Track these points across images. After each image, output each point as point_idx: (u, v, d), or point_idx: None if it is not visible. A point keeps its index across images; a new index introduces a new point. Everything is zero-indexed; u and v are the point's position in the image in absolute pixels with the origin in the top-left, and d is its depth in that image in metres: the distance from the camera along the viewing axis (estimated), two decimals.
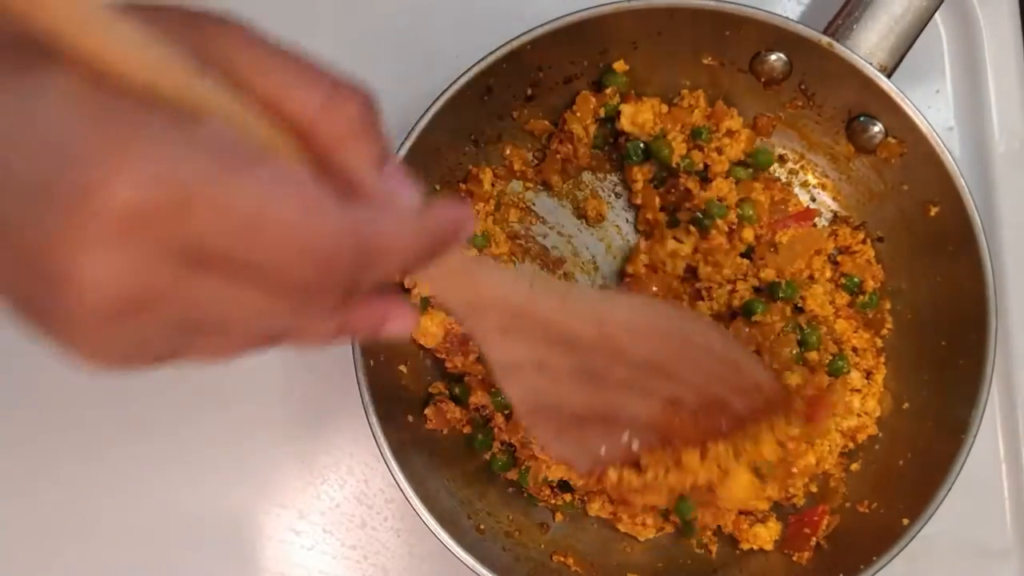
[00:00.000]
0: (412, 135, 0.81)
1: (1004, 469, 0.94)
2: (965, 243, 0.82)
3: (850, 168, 0.91)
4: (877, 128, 0.86)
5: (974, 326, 0.82)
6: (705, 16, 0.83)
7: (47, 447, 0.94)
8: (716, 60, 0.88)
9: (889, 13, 0.82)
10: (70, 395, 0.94)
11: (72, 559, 0.93)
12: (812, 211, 0.91)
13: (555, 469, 0.87)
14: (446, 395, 0.89)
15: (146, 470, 0.94)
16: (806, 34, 0.82)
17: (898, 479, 0.86)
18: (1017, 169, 0.95)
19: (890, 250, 0.90)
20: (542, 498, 0.89)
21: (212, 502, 0.94)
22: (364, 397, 0.80)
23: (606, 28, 0.84)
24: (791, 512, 0.88)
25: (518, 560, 0.85)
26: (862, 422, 0.88)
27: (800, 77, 0.87)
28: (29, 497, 0.94)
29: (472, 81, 0.82)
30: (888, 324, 0.90)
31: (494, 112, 0.88)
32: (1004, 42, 0.96)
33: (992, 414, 0.93)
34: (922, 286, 0.88)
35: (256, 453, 0.94)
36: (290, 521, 0.94)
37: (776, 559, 0.87)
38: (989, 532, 0.93)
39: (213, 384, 0.94)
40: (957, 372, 0.84)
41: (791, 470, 0.85)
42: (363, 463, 0.94)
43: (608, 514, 0.89)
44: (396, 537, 0.94)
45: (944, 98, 0.96)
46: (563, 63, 0.87)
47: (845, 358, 0.87)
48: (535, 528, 0.89)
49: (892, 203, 0.89)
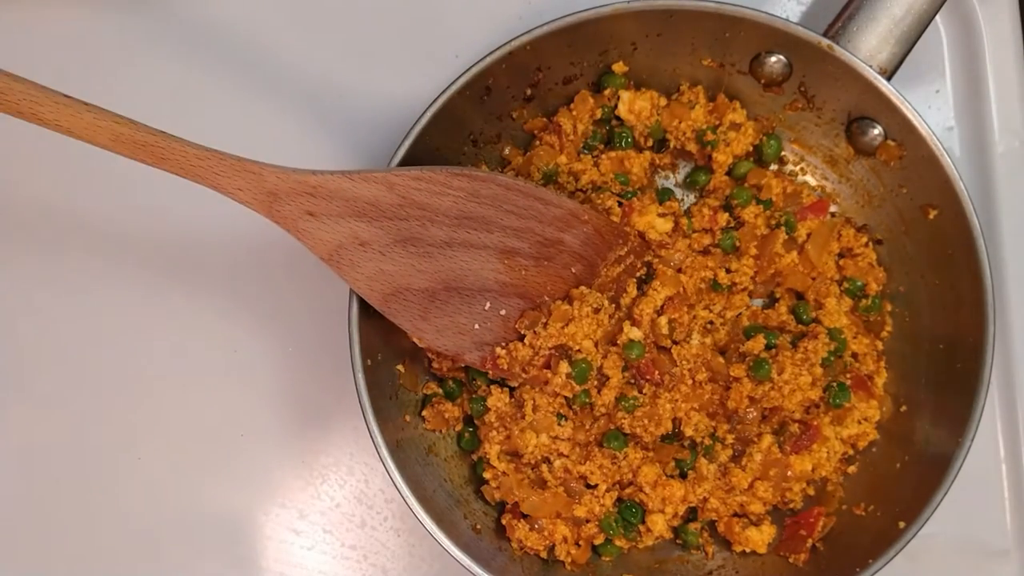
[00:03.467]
0: (411, 135, 0.81)
1: (1004, 469, 0.94)
2: (964, 247, 0.82)
3: (849, 171, 0.91)
4: (877, 131, 0.86)
5: (972, 330, 0.82)
6: (705, 18, 0.83)
7: (47, 448, 0.95)
8: (716, 62, 0.88)
9: (889, 16, 0.82)
10: (70, 396, 0.95)
11: (73, 560, 0.94)
12: (825, 201, 0.91)
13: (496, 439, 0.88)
14: (441, 395, 0.89)
15: (147, 470, 0.94)
16: (806, 36, 0.82)
17: (895, 482, 0.86)
18: (1017, 168, 0.95)
19: (889, 253, 0.90)
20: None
21: (212, 502, 0.94)
22: (361, 397, 0.80)
23: (605, 29, 0.84)
24: (788, 515, 0.88)
25: (513, 560, 0.85)
26: (862, 429, 0.88)
27: (800, 79, 0.87)
28: (30, 499, 0.95)
29: (471, 81, 0.82)
30: (888, 327, 0.90)
31: (493, 112, 0.88)
32: (1004, 42, 0.95)
33: (992, 415, 0.93)
34: (921, 289, 0.88)
35: (256, 453, 0.94)
36: (290, 521, 0.94)
37: (772, 561, 0.87)
38: (989, 531, 0.93)
39: (213, 384, 0.94)
40: (955, 375, 0.84)
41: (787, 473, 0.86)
42: (363, 463, 0.94)
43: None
44: (396, 537, 0.94)
45: (944, 98, 0.96)
46: (562, 64, 0.87)
47: (847, 389, 0.87)
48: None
49: (891, 206, 0.89)
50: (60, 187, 0.95)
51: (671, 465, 0.86)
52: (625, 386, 0.85)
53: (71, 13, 0.96)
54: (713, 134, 0.89)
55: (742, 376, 0.85)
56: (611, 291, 0.86)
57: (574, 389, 0.83)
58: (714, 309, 0.89)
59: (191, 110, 0.95)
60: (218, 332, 0.95)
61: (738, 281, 0.89)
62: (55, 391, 0.94)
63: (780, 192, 0.90)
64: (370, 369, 0.81)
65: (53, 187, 0.95)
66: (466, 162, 0.89)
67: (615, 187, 0.88)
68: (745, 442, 0.86)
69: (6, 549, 0.94)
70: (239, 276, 0.95)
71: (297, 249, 0.92)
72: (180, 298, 0.95)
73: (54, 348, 0.95)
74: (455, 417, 0.88)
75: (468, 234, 0.79)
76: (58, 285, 0.95)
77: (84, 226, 0.96)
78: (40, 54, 0.96)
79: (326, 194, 0.74)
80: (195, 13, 0.96)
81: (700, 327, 0.87)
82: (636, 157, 0.90)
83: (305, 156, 0.94)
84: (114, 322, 0.95)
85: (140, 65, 0.96)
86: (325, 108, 0.95)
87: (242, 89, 0.96)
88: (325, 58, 0.96)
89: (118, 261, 0.95)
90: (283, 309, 0.95)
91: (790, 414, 0.86)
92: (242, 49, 0.96)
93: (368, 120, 0.95)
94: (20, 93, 0.68)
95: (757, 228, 0.88)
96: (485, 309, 0.82)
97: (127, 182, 0.93)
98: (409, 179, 0.76)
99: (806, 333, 0.88)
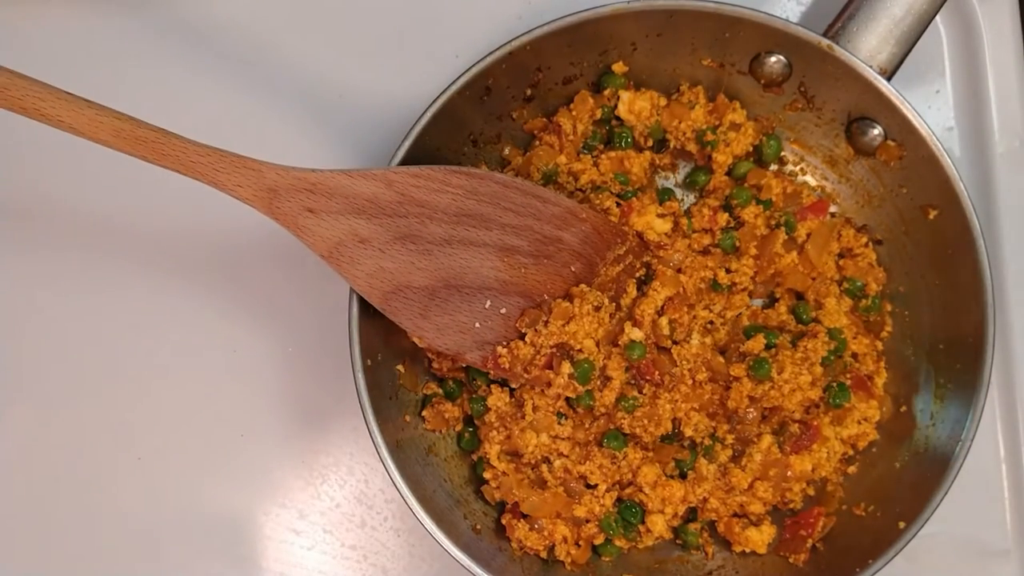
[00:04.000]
0: (411, 135, 0.81)
1: (1004, 470, 0.94)
2: (964, 247, 0.82)
3: (849, 171, 0.91)
4: (876, 131, 0.86)
5: (972, 330, 0.82)
6: (705, 18, 0.83)
7: (46, 448, 0.95)
8: (716, 62, 0.88)
9: (889, 16, 0.82)
10: (69, 396, 0.95)
11: (72, 560, 0.94)
12: (825, 201, 0.91)
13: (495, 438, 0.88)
14: (441, 395, 0.89)
15: (146, 470, 0.94)
16: (806, 36, 0.82)
17: (895, 482, 0.86)
18: (1017, 168, 0.95)
19: (889, 253, 0.90)
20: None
21: (211, 502, 0.94)
22: (361, 396, 0.80)
23: (605, 29, 0.84)
24: (788, 515, 0.88)
25: (512, 560, 0.85)
26: (862, 429, 0.88)
27: (800, 79, 0.87)
28: (30, 499, 0.95)
29: (471, 81, 0.82)
30: (888, 327, 0.90)
31: (493, 112, 0.88)
32: (1004, 42, 0.95)
33: (992, 416, 0.93)
34: (920, 289, 0.88)
35: (256, 453, 0.94)
36: (290, 521, 0.94)
37: (772, 561, 0.87)
38: (989, 532, 0.93)
39: (213, 384, 0.94)
40: (955, 375, 0.84)
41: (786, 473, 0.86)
42: (363, 463, 0.94)
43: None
44: (396, 537, 0.94)
45: (944, 98, 0.96)
46: (562, 64, 0.87)
47: (847, 389, 0.87)
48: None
49: (891, 206, 0.89)
50: (60, 188, 0.95)
51: (671, 465, 0.86)
52: (625, 386, 0.85)
53: (72, 13, 0.96)
54: (713, 134, 0.89)
55: (742, 376, 0.85)
56: (611, 291, 0.86)
57: (577, 390, 0.83)
58: (714, 309, 0.89)
59: (191, 109, 0.94)
60: (218, 332, 0.95)
61: (738, 281, 0.89)
62: (54, 391, 0.94)
63: (780, 192, 0.90)
64: (370, 369, 0.81)
65: (53, 188, 0.95)
66: (466, 162, 0.89)
67: (615, 187, 0.88)
68: (745, 442, 0.86)
69: (5, 549, 0.94)
70: (239, 276, 0.95)
71: (297, 249, 0.92)
72: (180, 298, 0.95)
73: (53, 348, 0.95)
74: (455, 417, 0.88)
75: (467, 231, 0.79)
76: (58, 285, 0.95)
77: (84, 226, 0.96)
78: (41, 52, 0.96)
79: (325, 191, 0.74)
80: (196, 12, 0.96)
81: (700, 327, 0.87)
82: (636, 157, 0.90)
83: (305, 155, 0.94)
84: (114, 322, 0.95)
85: (140, 64, 0.96)
86: (325, 108, 0.95)
87: (242, 88, 0.96)
88: (325, 58, 0.96)
89: (118, 261, 0.95)
90: (283, 309, 0.95)
91: (790, 414, 0.86)
92: (242, 48, 0.96)
93: (368, 120, 0.95)
94: (23, 89, 0.69)
95: (757, 228, 0.88)
96: (485, 307, 0.82)
97: (127, 183, 0.93)
98: (408, 176, 0.76)
99: (806, 333, 0.88)
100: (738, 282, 0.89)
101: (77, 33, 0.96)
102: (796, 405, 0.85)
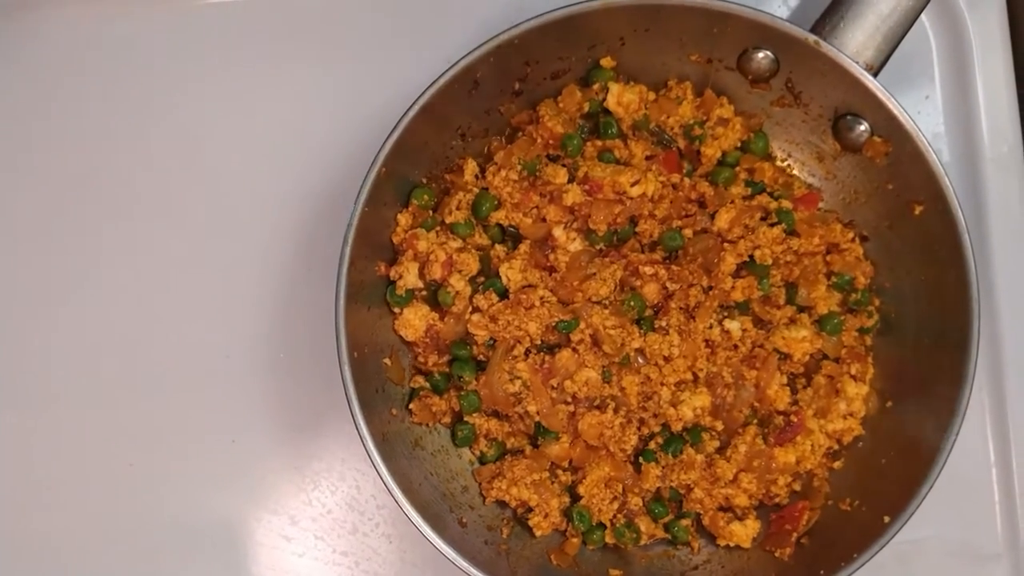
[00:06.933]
0: (398, 129, 0.81)
1: (994, 473, 0.94)
2: (949, 242, 0.82)
3: (836, 167, 0.91)
4: (863, 127, 0.86)
5: (958, 324, 0.82)
6: (693, 13, 0.83)
7: (37, 453, 0.94)
8: (703, 57, 0.88)
9: (876, 12, 0.82)
10: (61, 402, 0.95)
11: (63, 566, 0.94)
12: (816, 194, 0.91)
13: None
14: (428, 389, 0.89)
15: (138, 476, 0.94)
16: (793, 32, 0.82)
17: (881, 477, 0.86)
18: (1006, 173, 0.95)
19: (875, 249, 0.90)
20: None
21: (203, 508, 0.94)
22: (347, 389, 0.80)
23: (594, 24, 0.84)
24: (773, 510, 0.88)
25: (499, 555, 0.85)
26: (848, 424, 0.88)
27: (787, 75, 0.87)
28: (21, 505, 0.94)
29: (458, 76, 0.82)
30: (874, 322, 0.90)
31: (481, 107, 0.88)
32: (993, 48, 0.96)
33: (982, 418, 0.93)
34: (906, 284, 0.88)
35: (247, 459, 0.94)
36: (281, 527, 0.94)
37: (758, 556, 0.87)
38: (980, 536, 0.93)
39: (204, 390, 0.94)
40: (940, 370, 0.84)
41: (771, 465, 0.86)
42: (355, 468, 0.94)
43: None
44: (388, 543, 0.94)
45: (934, 104, 0.96)
46: (550, 58, 0.87)
47: (839, 317, 0.88)
48: (517, 523, 0.89)
49: (877, 202, 0.89)
50: (58, 192, 0.96)
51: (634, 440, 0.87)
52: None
53: (75, 12, 0.97)
54: (700, 128, 0.89)
55: (749, 327, 0.86)
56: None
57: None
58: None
59: (189, 111, 0.95)
60: (210, 338, 0.94)
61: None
62: (46, 397, 0.94)
63: (772, 175, 0.90)
64: (357, 362, 0.81)
65: (51, 191, 0.96)
66: (454, 156, 0.89)
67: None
68: (730, 433, 0.86)
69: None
70: (231, 282, 0.95)
71: (288, 254, 0.92)
72: (172, 304, 0.95)
73: (44, 355, 0.95)
74: (442, 411, 0.88)
75: None
76: (49, 292, 0.95)
77: (75, 232, 0.96)
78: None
79: None
80: (197, 12, 0.97)
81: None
82: (635, 145, 0.90)
83: (294, 148, 0.95)
84: (105, 329, 0.95)
85: (141, 64, 0.96)
86: (313, 101, 0.96)
87: (232, 83, 0.96)
88: (313, 52, 0.96)
89: (110, 268, 0.95)
90: (275, 316, 0.95)
91: (773, 405, 0.86)
92: (233, 44, 0.96)
93: (356, 113, 0.95)
94: None
95: (734, 200, 0.88)
96: None
97: (122, 189, 0.94)
98: None
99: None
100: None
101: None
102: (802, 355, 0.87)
